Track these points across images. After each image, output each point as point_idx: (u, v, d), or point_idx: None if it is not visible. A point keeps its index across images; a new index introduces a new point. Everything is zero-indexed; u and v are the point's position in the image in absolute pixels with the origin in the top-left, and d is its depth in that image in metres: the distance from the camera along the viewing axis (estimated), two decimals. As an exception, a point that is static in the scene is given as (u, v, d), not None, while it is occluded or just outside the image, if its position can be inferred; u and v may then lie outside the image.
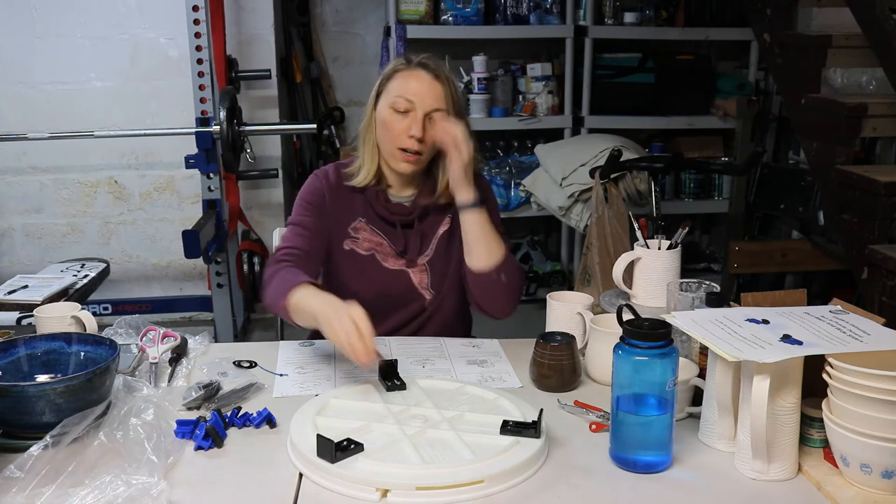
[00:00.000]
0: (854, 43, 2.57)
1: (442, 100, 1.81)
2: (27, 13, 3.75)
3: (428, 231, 1.90)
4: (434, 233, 1.90)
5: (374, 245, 1.89)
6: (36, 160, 3.91)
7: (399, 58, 1.89)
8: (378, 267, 1.88)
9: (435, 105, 1.80)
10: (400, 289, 1.89)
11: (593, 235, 3.21)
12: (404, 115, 1.80)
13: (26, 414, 1.31)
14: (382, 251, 1.89)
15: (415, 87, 1.80)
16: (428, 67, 1.82)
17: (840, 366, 1.20)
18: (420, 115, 1.79)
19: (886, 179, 2.28)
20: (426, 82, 1.81)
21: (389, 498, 1.20)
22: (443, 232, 1.90)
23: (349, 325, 1.44)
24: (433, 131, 1.79)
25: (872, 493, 1.21)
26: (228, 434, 1.40)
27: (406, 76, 1.82)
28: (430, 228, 1.90)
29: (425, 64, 1.83)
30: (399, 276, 1.89)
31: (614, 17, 4.22)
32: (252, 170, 3.87)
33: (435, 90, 1.81)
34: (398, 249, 1.88)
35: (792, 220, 3.63)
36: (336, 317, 1.47)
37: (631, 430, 1.29)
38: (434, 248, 1.90)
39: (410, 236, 1.89)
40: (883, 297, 2.22)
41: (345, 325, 1.45)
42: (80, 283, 2.50)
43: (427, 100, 1.80)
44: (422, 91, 1.80)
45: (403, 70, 1.83)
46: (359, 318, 1.45)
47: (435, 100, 1.80)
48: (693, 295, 1.52)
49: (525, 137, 4.43)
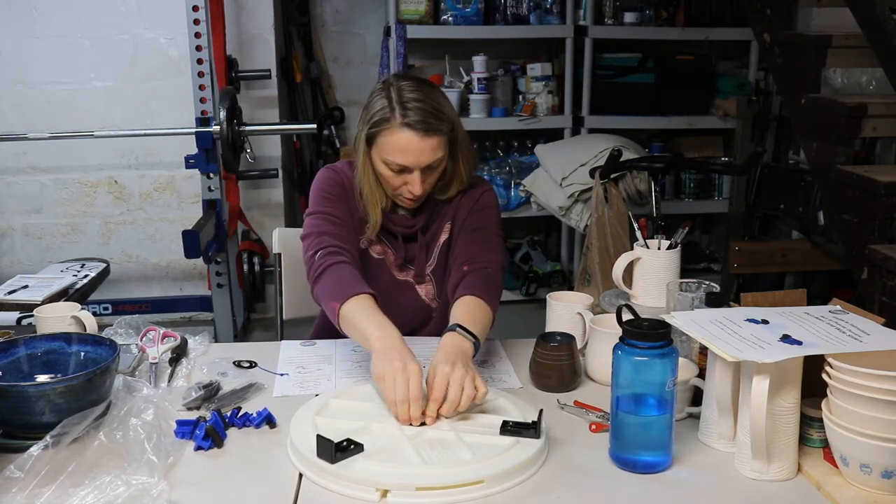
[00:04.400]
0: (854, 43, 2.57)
1: (437, 149, 1.71)
2: (27, 13, 3.75)
3: (431, 241, 1.87)
4: (436, 242, 1.88)
5: (382, 252, 1.87)
6: (36, 160, 3.91)
7: (383, 103, 1.70)
8: (388, 274, 1.87)
9: (430, 160, 1.70)
10: (407, 300, 1.88)
11: (593, 235, 3.21)
12: (400, 173, 1.73)
13: (26, 414, 1.31)
14: (388, 260, 1.87)
15: (405, 148, 1.68)
16: (414, 127, 1.67)
17: (840, 366, 1.20)
18: (417, 174, 1.71)
19: (886, 179, 2.28)
20: (416, 143, 1.68)
21: (389, 498, 1.20)
22: (443, 241, 1.87)
23: (402, 387, 1.36)
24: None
25: (872, 494, 1.20)
26: (228, 434, 1.40)
27: (395, 137, 1.68)
28: (433, 239, 1.87)
29: (411, 124, 1.67)
30: (405, 287, 1.88)
31: (614, 17, 4.22)
32: (252, 170, 3.87)
33: (427, 146, 1.69)
34: (400, 262, 1.86)
35: (792, 220, 3.63)
36: (391, 370, 1.38)
37: (631, 431, 1.29)
38: (437, 257, 1.88)
39: (415, 250, 1.86)
40: (883, 297, 2.22)
41: (399, 385, 1.37)
42: (80, 283, 2.50)
43: (421, 158, 1.69)
44: (413, 151, 1.68)
45: (389, 129, 1.69)
46: (413, 382, 1.37)
47: (430, 155, 1.70)
48: (693, 295, 1.52)
49: (525, 137, 4.43)
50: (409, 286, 1.88)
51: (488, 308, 1.66)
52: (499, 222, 1.88)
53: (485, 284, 1.70)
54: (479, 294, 1.66)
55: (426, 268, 1.87)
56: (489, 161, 4.38)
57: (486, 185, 1.92)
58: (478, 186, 1.89)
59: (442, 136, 1.72)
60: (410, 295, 1.88)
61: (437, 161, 1.73)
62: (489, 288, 1.70)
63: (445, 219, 1.87)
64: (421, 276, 1.87)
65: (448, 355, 1.45)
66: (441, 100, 1.75)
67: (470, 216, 1.85)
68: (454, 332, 1.54)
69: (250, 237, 4.00)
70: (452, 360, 1.42)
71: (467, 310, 1.62)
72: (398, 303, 1.85)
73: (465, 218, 1.85)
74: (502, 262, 1.81)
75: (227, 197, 3.71)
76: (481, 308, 1.64)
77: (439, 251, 1.87)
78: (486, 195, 1.88)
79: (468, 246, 1.81)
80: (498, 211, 1.90)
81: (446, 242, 1.87)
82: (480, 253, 1.78)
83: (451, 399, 1.37)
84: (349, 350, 1.78)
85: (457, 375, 1.38)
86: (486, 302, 1.66)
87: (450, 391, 1.37)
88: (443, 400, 1.37)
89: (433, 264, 1.88)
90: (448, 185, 1.83)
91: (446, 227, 1.87)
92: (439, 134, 1.71)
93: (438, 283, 1.88)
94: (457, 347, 1.49)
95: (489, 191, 1.90)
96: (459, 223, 1.86)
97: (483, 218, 1.85)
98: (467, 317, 1.59)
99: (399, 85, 1.72)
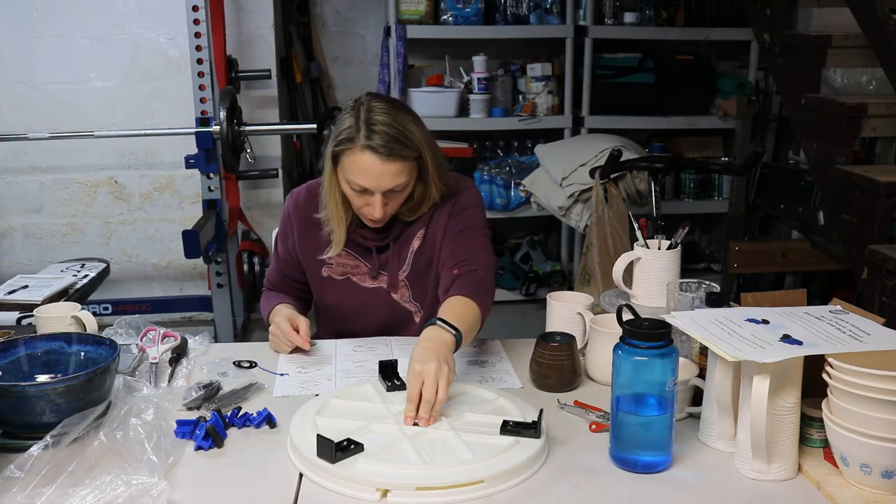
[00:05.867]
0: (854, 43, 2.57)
1: (400, 174, 1.70)
2: (27, 13, 3.75)
3: (402, 248, 1.86)
4: (408, 248, 1.86)
5: (349, 268, 1.87)
6: (36, 160, 3.91)
7: (350, 122, 1.69)
8: (356, 287, 1.87)
9: (391, 184, 1.69)
10: (383, 306, 1.88)
11: (593, 235, 3.21)
12: (362, 194, 1.72)
13: (26, 414, 1.31)
14: (359, 272, 1.87)
15: (366, 170, 1.67)
16: (377, 150, 1.66)
17: (840, 366, 1.20)
18: (378, 197, 1.70)
19: (886, 179, 2.28)
20: (377, 166, 1.66)
21: (389, 498, 1.20)
22: (416, 247, 1.85)
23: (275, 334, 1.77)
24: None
25: (872, 494, 1.20)
26: (228, 434, 1.40)
27: (357, 158, 1.67)
28: (404, 245, 1.86)
29: (373, 147, 1.66)
30: (378, 293, 1.87)
31: (614, 17, 4.22)
32: (252, 170, 3.87)
33: (388, 170, 1.67)
34: (374, 272, 1.86)
35: (792, 220, 3.63)
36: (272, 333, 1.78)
37: (631, 430, 1.29)
38: (410, 262, 1.86)
39: (387, 257, 1.86)
40: (883, 297, 2.22)
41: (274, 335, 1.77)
42: (80, 283, 2.50)
43: (382, 182, 1.68)
44: (374, 174, 1.67)
45: (352, 149, 1.68)
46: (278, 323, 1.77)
47: (391, 179, 1.69)
48: (693, 295, 1.52)
49: (525, 137, 4.42)
50: (384, 292, 1.87)
51: (476, 306, 1.64)
52: (483, 219, 1.86)
53: (473, 284, 1.69)
54: (466, 293, 1.65)
55: (399, 274, 1.86)
56: (489, 161, 4.38)
57: (466, 183, 1.89)
58: (457, 192, 1.85)
59: (405, 161, 1.69)
60: (385, 301, 1.88)
61: (400, 185, 1.71)
62: (477, 288, 1.68)
63: (419, 225, 1.85)
64: (395, 284, 1.86)
65: (423, 351, 1.44)
66: (410, 125, 1.71)
67: (451, 220, 1.83)
68: (434, 325, 1.52)
69: (250, 237, 4.00)
70: (426, 357, 1.41)
71: (452, 307, 1.61)
72: (373, 310, 1.87)
73: (445, 223, 1.83)
74: (491, 261, 1.80)
75: (227, 197, 3.70)
76: (468, 305, 1.63)
77: (412, 256, 1.86)
78: (465, 195, 1.86)
79: (455, 248, 1.79)
80: (481, 208, 1.87)
81: (419, 249, 1.85)
82: (469, 254, 1.77)
83: (426, 399, 1.36)
84: (349, 350, 1.79)
85: (430, 372, 1.38)
86: (474, 300, 1.64)
87: (424, 390, 1.37)
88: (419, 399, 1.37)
89: (407, 270, 1.86)
90: (416, 208, 1.82)
91: (420, 232, 1.85)
92: (402, 159, 1.69)
93: (416, 287, 1.87)
94: (434, 341, 1.48)
95: (469, 189, 1.88)
96: (440, 230, 1.83)
97: (466, 217, 1.83)
98: (450, 312, 1.58)
99: (370, 105, 1.71)
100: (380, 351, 1.77)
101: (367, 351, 1.77)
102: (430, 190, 1.79)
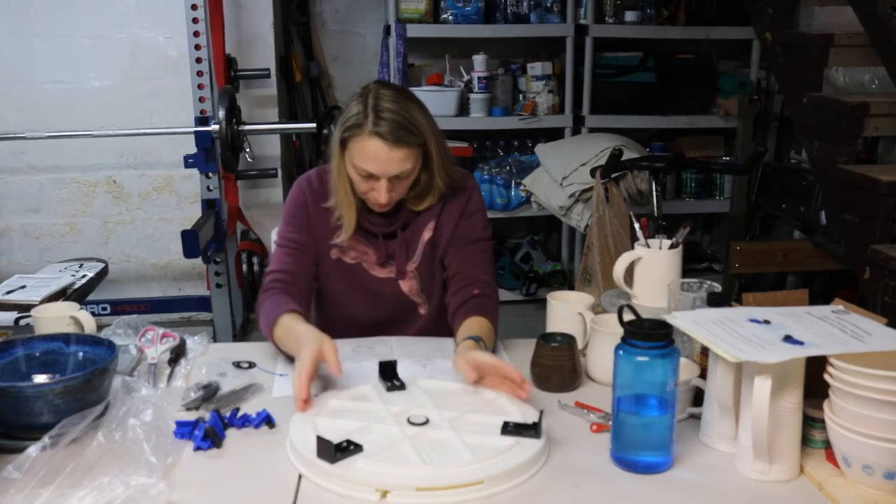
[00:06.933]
0: (856, 42, 2.56)
1: (406, 161, 1.71)
2: (27, 13, 3.75)
3: (412, 238, 1.87)
4: (419, 239, 1.87)
5: (360, 254, 1.87)
6: (34, 160, 3.90)
7: (358, 109, 1.71)
8: (366, 275, 1.87)
9: (398, 170, 1.71)
10: (391, 296, 1.88)
11: (594, 235, 3.21)
12: (368, 179, 1.73)
13: (24, 414, 1.30)
14: (368, 260, 1.87)
15: (373, 156, 1.69)
16: (384, 137, 1.67)
17: (842, 366, 1.19)
18: (384, 183, 1.72)
19: (888, 179, 2.27)
20: (384, 153, 1.68)
21: (389, 499, 1.20)
22: (428, 238, 1.87)
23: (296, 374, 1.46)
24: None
25: (874, 494, 1.20)
26: (227, 435, 1.40)
27: (363, 144, 1.69)
28: (414, 235, 1.87)
29: (381, 133, 1.67)
30: (388, 283, 1.88)
31: (615, 15, 4.22)
32: (251, 169, 3.87)
33: (395, 156, 1.69)
34: (382, 259, 1.86)
35: (793, 219, 3.62)
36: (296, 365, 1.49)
37: (632, 431, 1.28)
38: (420, 254, 1.87)
39: (395, 246, 1.86)
40: (885, 297, 2.21)
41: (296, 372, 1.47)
42: (79, 283, 2.50)
43: (388, 168, 1.70)
44: (380, 160, 1.69)
45: (360, 135, 1.69)
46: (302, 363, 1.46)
47: (398, 165, 1.70)
48: (694, 295, 1.52)
49: (525, 137, 4.42)
50: (392, 282, 1.88)
51: (494, 331, 1.77)
52: (487, 227, 1.90)
53: (491, 308, 1.79)
54: (490, 318, 1.76)
55: (408, 265, 1.87)
56: (489, 161, 4.38)
57: (471, 182, 1.92)
58: (464, 188, 1.88)
59: (412, 148, 1.71)
60: (393, 290, 1.88)
61: (406, 172, 1.73)
62: (495, 311, 1.80)
63: (429, 217, 1.87)
64: (402, 272, 1.87)
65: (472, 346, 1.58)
66: (417, 114, 1.73)
67: (462, 223, 1.87)
68: (478, 342, 1.62)
69: (249, 237, 4.00)
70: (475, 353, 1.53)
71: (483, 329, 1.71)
72: (380, 298, 1.88)
73: (455, 224, 1.86)
74: (494, 277, 1.90)
75: (226, 196, 3.70)
76: (491, 330, 1.75)
77: (423, 248, 1.87)
78: (474, 198, 1.90)
79: (468, 264, 1.85)
80: (485, 213, 1.92)
81: (430, 241, 1.87)
82: (481, 273, 1.84)
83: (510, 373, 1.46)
84: (349, 350, 1.78)
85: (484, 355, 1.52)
86: (495, 327, 1.78)
87: (504, 368, 1.47)
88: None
89: (416, 261, 1.88)
90: (422, 196, 1.83)
91: (430, 224, 1.87)
92: (408, 146, 1.70)
93: (423, 278, 1.88)
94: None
95: (475, 189, 1.92)
96: (449, 227, 1.86)
97: (474, 226, 1.87)
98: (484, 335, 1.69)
99: (378, 92, 1.73)
100: (380, 351, 1.77)
101: (367, 352, 1.77)
102: (435, 179, 1.81)
